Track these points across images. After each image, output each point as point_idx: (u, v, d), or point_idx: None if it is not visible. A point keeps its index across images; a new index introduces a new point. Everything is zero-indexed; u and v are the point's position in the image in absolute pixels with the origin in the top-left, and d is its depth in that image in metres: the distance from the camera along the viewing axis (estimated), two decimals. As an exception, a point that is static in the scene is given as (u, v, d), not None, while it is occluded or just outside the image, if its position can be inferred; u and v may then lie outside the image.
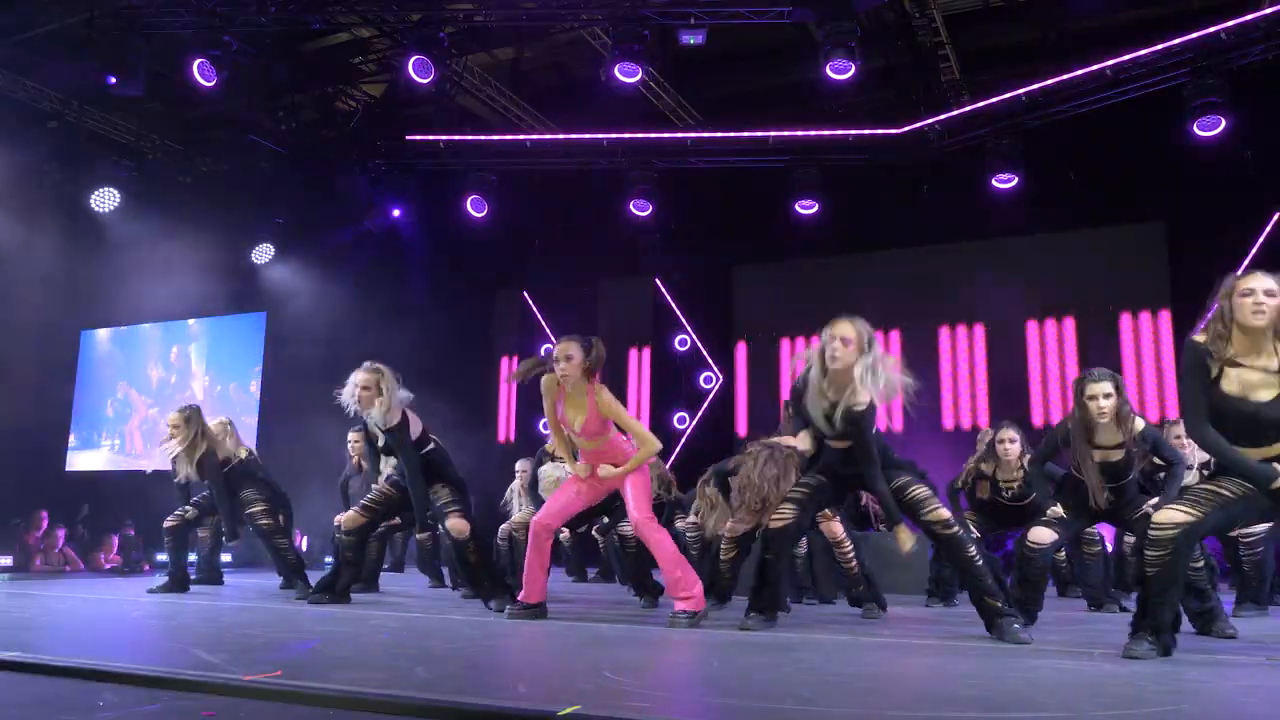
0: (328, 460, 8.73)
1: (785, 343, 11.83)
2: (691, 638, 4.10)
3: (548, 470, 6.35)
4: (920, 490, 4.16)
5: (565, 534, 7.93)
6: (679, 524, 6.88)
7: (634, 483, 4.67)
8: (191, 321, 13.25)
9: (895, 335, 11.02)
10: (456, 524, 5.31)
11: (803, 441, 4.39)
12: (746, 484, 4.67)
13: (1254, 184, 9.26)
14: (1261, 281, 3.43)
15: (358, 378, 5.29)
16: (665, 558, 4.56)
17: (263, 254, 12.13)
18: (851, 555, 5.46)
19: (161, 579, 6.53)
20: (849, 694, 2.66)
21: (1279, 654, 3.66)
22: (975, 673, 3.09)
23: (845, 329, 4.12)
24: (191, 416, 6.33)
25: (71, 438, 13.61)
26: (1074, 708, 2.48)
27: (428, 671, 2.89)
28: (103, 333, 13.91)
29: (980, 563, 4.06)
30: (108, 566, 9.95)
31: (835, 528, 5.49)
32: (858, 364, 4.07)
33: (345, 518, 5.73)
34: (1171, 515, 3.34)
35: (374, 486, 5.76)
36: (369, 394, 5.25)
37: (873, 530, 7.23)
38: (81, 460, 13.53)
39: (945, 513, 4.14)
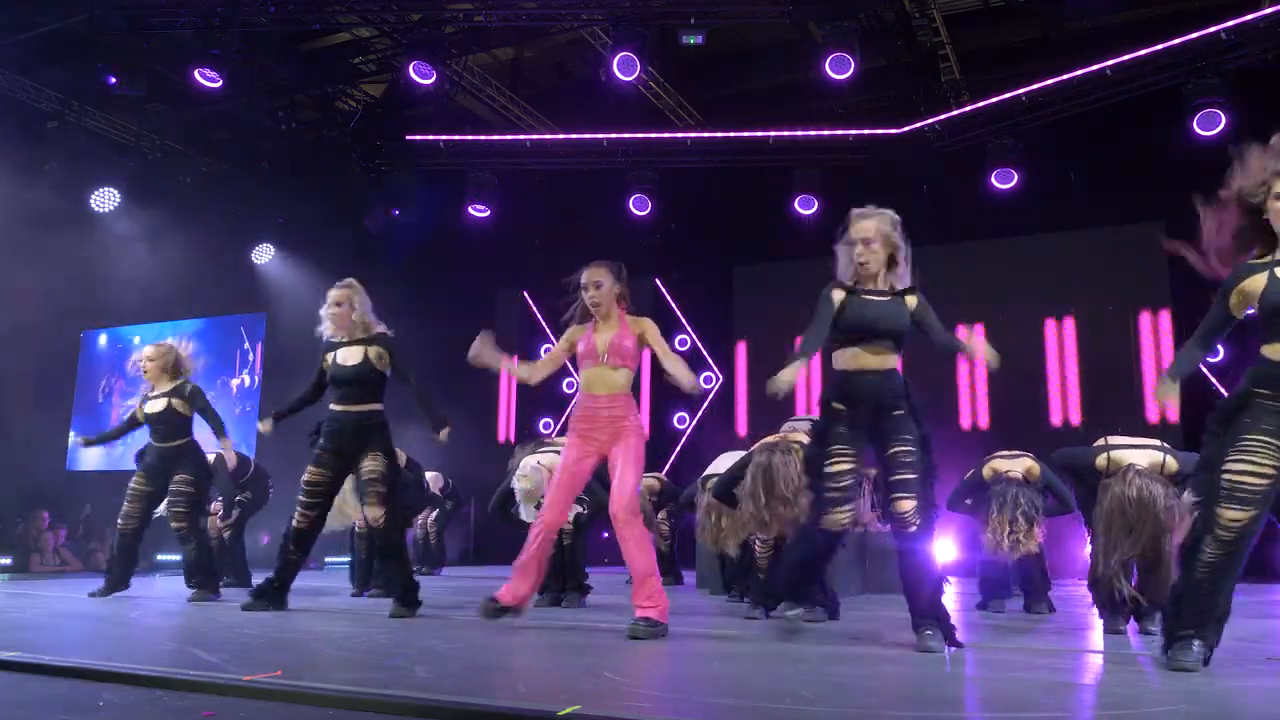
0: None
1: (785, 343, 11.83)
2: (692, 639, 4.09)
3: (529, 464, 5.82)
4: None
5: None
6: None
7: (625, 462, 4.18)
8: (191, 321, 13.25)
9: (895, 335, 11.05)
10: (374, 514, 5.02)
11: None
12: (769, 491, 4.55)
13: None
14: None
15: (331, 295, 5.18)
16: (643, 558, 4.14)
17: (263, 254, 12.13)
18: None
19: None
20: (849, 694, 2.66)
21: (1278, 654, 3.66)
22: (975, 673, 3.09)
23: (867, 228, 3.86)
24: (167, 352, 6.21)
25: (71, 436, 13.62)
26: (1074, 708, 2.48)
27: (428, 671, 2.89)
28: (103, 332, 13.91)
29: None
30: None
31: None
32: (894, 255, 3.87)
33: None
34: (1235, 514, 3.03)
35: (305, 477, 5.21)
36: (342, 310, 5.14)
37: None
38: (83, 460, 13.53)
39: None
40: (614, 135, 11.18)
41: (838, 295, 3.87)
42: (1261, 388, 3.14)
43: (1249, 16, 8.70)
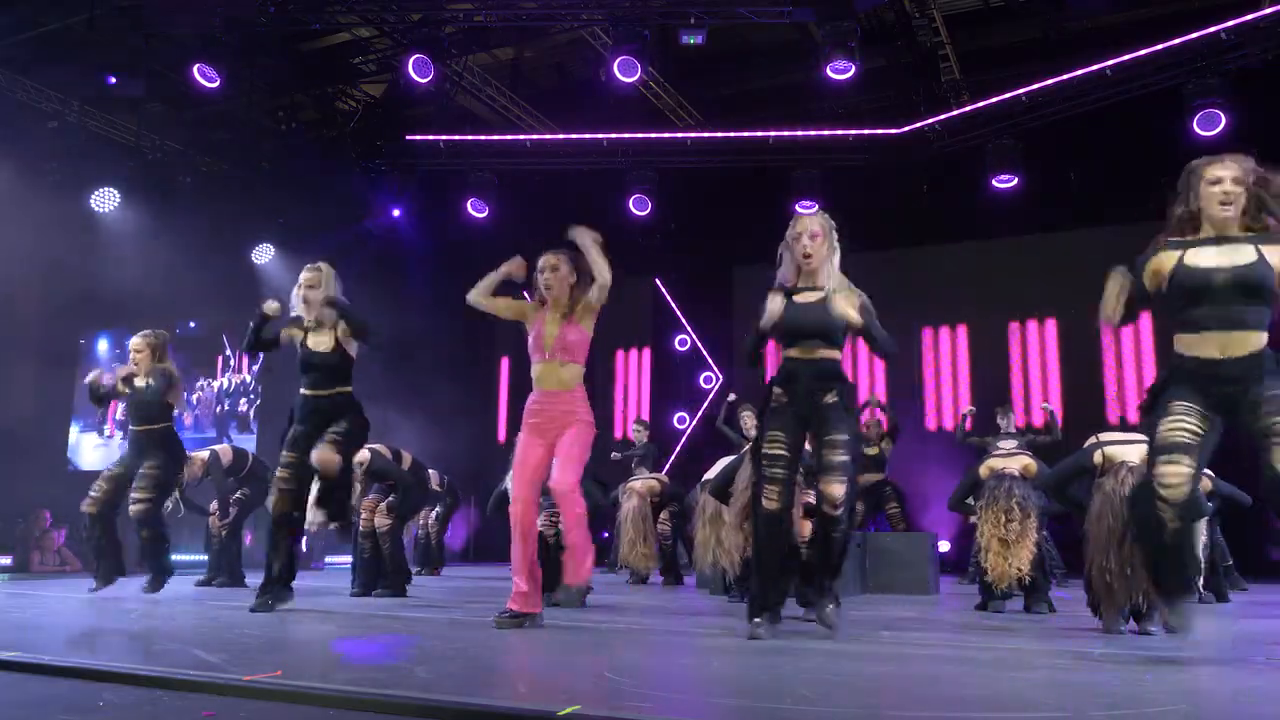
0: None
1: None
2: (692, 639, 4.09)
3: None
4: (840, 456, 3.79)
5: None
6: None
7: (570, 443, 4.26)
8: (191, 322, 13.26)
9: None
10: (324, 455, 4.87)
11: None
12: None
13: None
14: (1229, 169, 3.25)
15: (302, 278, 5.38)
16: (578, 537, 4.24)
17: (263, 254, 12.12)
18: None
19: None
20: (849, 694, 2.66)
21: (1278, 654, 3.66)
22: (975, 673, 3.09)
23: (812, 224, 4.17)
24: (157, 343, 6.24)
25: (72, 435, 13.63)
26: (1074, 708, 2.47)
27: (428, 671, 2.89)
28: (103, 333, 13.92)
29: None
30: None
31: (805, 527, 5.14)
32: (833, 256, 4.15)
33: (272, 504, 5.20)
34: (1167, 467, 3.09)
35: (281, 460, 5.20)
36: (314, 292, 5.31)
37: (872, 529, 7.21)
38: (84, 460, 13.54)
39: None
40: (614, 135, 11.18)
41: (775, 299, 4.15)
42: (1176, 373, 3.27)
43: (1249, 16, 8.71)
